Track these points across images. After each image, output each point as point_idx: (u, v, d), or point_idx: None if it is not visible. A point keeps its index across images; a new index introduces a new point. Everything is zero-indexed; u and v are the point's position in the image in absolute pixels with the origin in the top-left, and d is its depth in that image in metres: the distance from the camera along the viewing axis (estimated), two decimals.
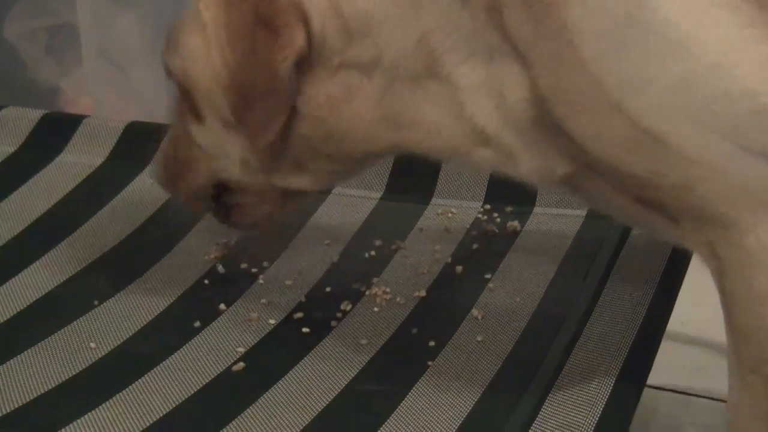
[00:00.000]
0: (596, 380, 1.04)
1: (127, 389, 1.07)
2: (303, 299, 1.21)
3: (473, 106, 0.97)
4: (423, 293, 1.21)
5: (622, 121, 0.89)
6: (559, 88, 0.92)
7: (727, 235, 0.90)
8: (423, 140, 1.02)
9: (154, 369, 1.10)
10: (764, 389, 0.93)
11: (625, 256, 1.23)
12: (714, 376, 1.48)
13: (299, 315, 1.19)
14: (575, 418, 1.00)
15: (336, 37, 1.00)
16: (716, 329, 1.56)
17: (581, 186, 1.00)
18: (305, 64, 1.00)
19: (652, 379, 1.08)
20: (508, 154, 0.99)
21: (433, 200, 1.38)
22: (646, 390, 1.07)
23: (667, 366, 1.31)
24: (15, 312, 1.19)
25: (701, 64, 0.86)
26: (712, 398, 1.47)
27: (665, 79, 0.87)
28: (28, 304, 1.20)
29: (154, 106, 1.96)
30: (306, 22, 0.99)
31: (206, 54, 1.02)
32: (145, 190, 1.42)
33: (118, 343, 1.14)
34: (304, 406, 1.04)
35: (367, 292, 1.22)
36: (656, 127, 0.88)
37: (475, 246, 1.30)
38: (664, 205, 0.94)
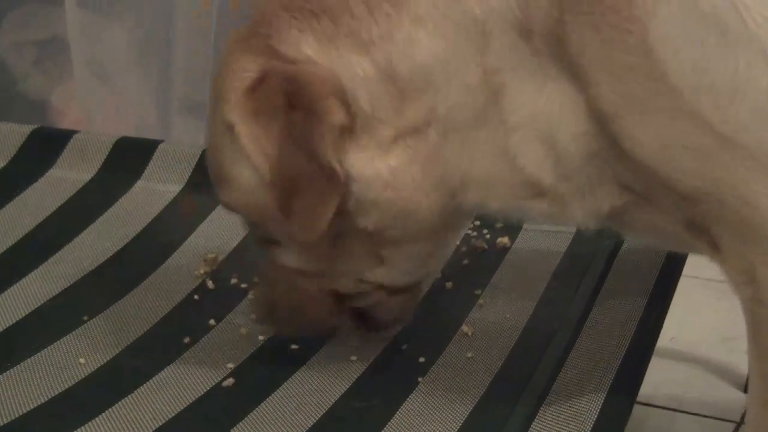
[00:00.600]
0: (587, 395, 1.04)
1: (116, 405, 1.06)
2: None
3: (524, 155, 0.95)
4: None
5: (700, 129, 0.87)
6: (629, 99, 0.90)
7: None
8: (479, 198, 0.99)
9: (144, 385, 1.09)
10: None
11: (615, 272, 1.23)
12: (702, 392, 1.49)
13: None
14: None
15: (388, 105, 0.96)
16: (704, 346, 1.58)
17: (629, 217, 0.99)
18: (353, 144, 0.97)
19: (640, 395, 1.08)
20: (563, 203, 0.97)
21: None
22: (634, 406, 1.07)
23: (656, 382, 1.31)
24: (5, 327, 1.18)
25: None
26: (700, 414, 1.48)
27: (757, 86, 0.85)
28: (17, 318, 1.20)
29: (144, 118, 1.96)
30: (343, 97, 0.95)
31: (249, 169, 0.98)
32: (134, 206, 1.42)
33: (108, 358, 1.14)
34: (294, 422, 1.04)
35: None
36: (739, 135, 0.87)
37: (465, 262, 1.30)
38: (712, 225, 0.93)
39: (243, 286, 1.25)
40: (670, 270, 1.21)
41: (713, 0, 0.85)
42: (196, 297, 1.24)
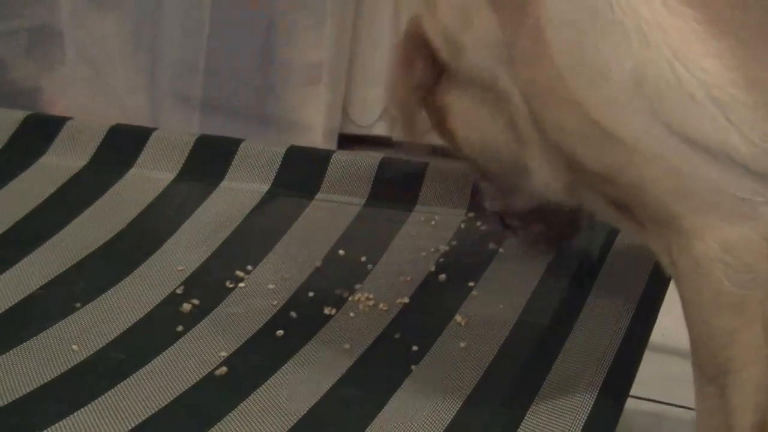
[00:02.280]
0: (579, 389, 1.04)
1: (108, 392, 1.06)
2: (286, 304, 1.21)
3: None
4: (406, 300, 1.21)
5: (578, 112, 0.89)
6: (533, 81, 0.92)
7: (679, 240, 0.89)
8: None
9: (136, 372, 1.09)
10: (720, 401, 0.92)
11: (608, 265, 1.23)
12: (692, 386, 1.49)
13: (282, 319, 1.18)
14: (558, 427, 1.00)
15: (448, 55, 1.02)
16: None
17: (580, 194, 0.99)
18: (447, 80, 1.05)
19: (632, 388, 1.08)
20: (524, 142, 0.99)
21: (417, 207, 1.38)
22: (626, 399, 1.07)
23: (647, 376, 1.30)
24: None
25: (658, 54, 0.85)
26: (690, 408, 1.47)
27: (620, 69, 0.86)
28: (9, 305, 1.19)
29: (135, 107, 1.96)
30: (427, 47, 1.03)
31: None
32: (127, 193, 1.42)
33: (101, 346, 1.13)
34: (287, 411, 1.04)
35: (350, 298, 1.21)
36: (607, 119, 0.88)
37: (458, 254, 1.30)
38: (629, 207, 0.93)
39: (237, 274, 1.25)
40: None
41: None
42: (189, 285, 1.24)
